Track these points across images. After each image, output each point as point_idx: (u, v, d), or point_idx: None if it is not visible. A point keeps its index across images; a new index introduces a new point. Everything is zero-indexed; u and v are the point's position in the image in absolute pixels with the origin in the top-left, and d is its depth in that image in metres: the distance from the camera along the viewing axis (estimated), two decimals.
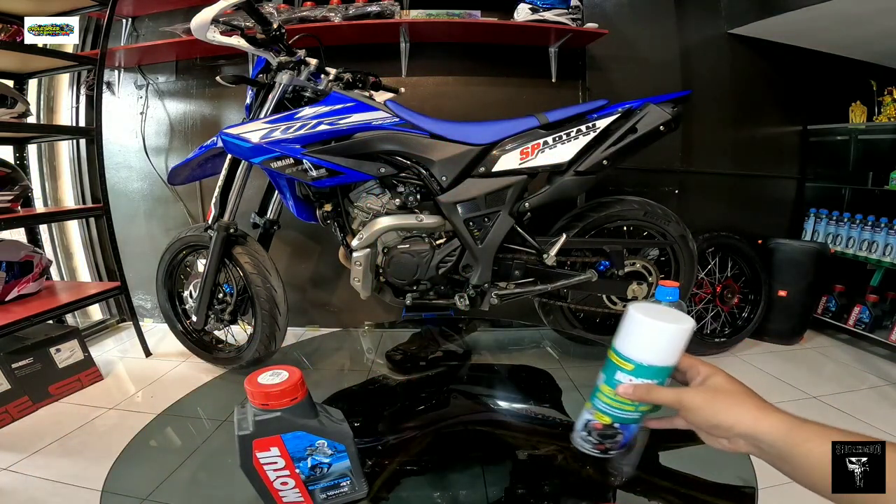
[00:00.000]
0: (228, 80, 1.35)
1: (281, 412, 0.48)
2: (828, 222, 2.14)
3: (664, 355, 0.43)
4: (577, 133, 1.39)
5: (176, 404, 0.85)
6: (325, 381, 0.99)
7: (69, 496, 1.11)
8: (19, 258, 1.67)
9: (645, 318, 0.42)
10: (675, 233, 1.59)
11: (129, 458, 0.69)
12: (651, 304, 0.46)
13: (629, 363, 0.44)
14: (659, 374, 0.43)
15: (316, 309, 2.22)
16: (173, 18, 2.03)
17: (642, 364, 0.43)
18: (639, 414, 0.46)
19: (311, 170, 1.33)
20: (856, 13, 1.69)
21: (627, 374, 0.44)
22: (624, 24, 2.02)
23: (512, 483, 0.58)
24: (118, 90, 2.18)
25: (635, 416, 0.46)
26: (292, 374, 0.49)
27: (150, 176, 2.20)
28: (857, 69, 2.15)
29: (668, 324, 0.42)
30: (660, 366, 0.43)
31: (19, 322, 1.48)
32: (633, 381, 0.44)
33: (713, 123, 2.14)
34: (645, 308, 0.44)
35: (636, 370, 0.43)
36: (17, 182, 1.66)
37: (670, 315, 0.44)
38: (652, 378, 0.43)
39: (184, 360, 1.86)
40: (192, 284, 1.63)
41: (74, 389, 1.64)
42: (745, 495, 0.55)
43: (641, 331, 0.43)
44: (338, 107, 1.36)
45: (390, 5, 1.80)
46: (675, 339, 0.42)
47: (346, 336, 1.53)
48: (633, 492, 0.59)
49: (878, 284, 2.00)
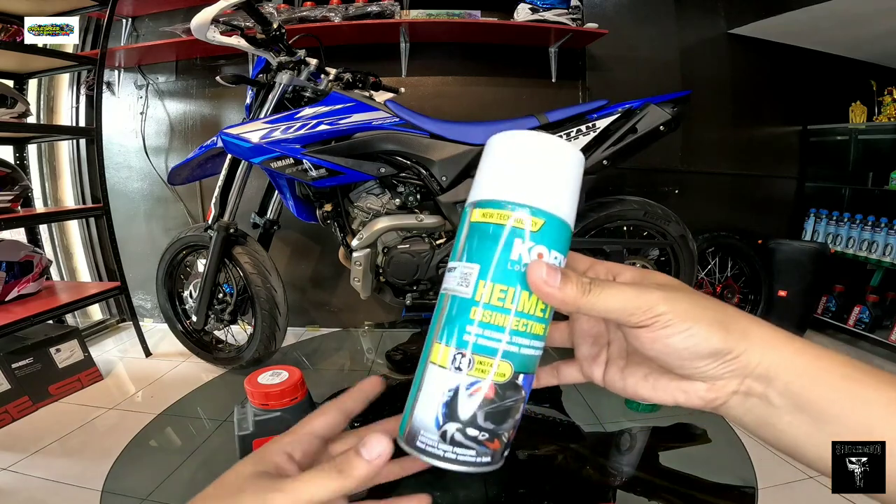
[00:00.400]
0: (228, 80, 1.35)
1: (281, 412, 0.48)
2: (828, 222, 2.14)
3: (572, 205, 0.26)
4: (577, 133, 1.39)
5: (176, 404, 0.85)
6: (325, 381, 0.99)
7: (69, 496, 1.11)
8: (19, 258, 1.67)
9: (539, 134, 0.26)
10: (675, 233, 1.59)
11: (129, 458, 0.69)
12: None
13: (538, 216, 0.24)
14: (562, 241, 0.25)
15: (316, 309, 2.22)
16: (173, 18, 2.03)
17: (557, 218, 0.25)
18: (542, 342, 0.26)
19: (311, 170, 1.33)
20: (856, 13, 1.69)
21: (534, 244, 0.24)
22: (624, 24, 2.02)
23: (512, 483, 0.58)
24: (118, 90, 2.18)
25: (538, 346, 0.26)
26: (292, 374, 0.49)
27: (150, 176, 2.20)
28: (857, 69, 2.15)
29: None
30: (563, 220, 0.25)
31: (19, 322, 1.48)
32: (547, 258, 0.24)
33: (713, 123, 2.14)
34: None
35: (544, 231, 0.24)
36: (17, 182, 1.66)
37: None
38: (556, 248, 0.25)
39: (184, 360, 1.86)
40: (192, 284, 1.63)
41: (74, 389, 1.64)
42: (745, 495, 0.55)
43: (538, 156, 0.25)
44: (338, 107, 1.36)
45: (390, 5, 1.80)
46: (578, 176, 0.26)
47: (346, 336, 1.53)
48: (633, 492, 0.58)
49: (878, 284, 2.00)
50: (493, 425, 0.25)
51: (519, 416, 0.26)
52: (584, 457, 0.54)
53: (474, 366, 0.24)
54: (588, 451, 0.66)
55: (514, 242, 0.24)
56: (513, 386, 0.25)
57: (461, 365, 0.24)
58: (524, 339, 0.24)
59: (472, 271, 0.24)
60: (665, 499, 0.59)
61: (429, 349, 0.26)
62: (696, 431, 0.68)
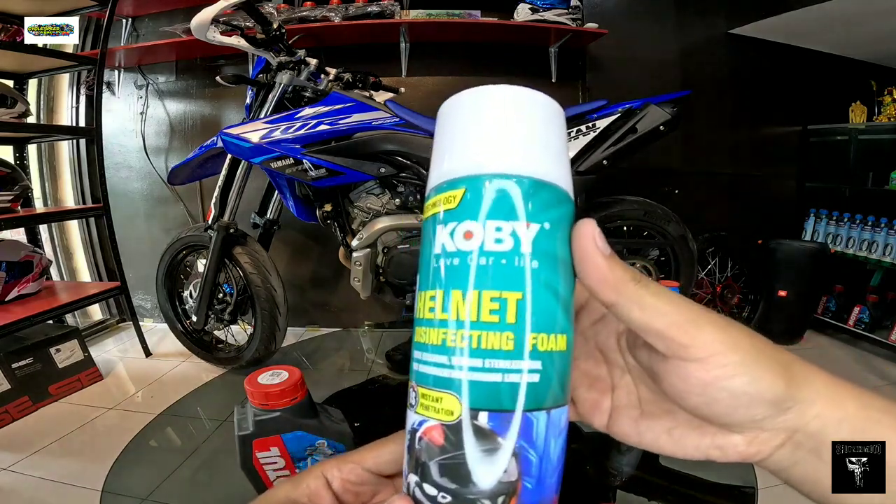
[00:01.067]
0: (228, 80, 1.35)
1: (281, 412, 0.48)
2: (828, 222, 2.13)
3: (511, 147, 0.19)
4: (577, 133, 1.39)
5: (176, 404, 0.85)
6: (325, 381, 0.99)
7: (69, 496, 1.11)
8: (19, 258, 1.67)
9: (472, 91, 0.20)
10: (675, 233, 1.59)
11: (129, 458, 0.69)
12: None
13: (455, 188, 0.18)
14: (507, 202, 0.18)
15: (316, 309, 2.22)
16: (173, 18, 2.03)
17: (481, 177, 0.18)
18: (517, 361, 0.18)
19: (310, 170, 1.33)
20: (856, 13, 1.69)
21: (457, 222, 0.18)
22: (624, 24, 2.02)
23: None
24: (118, 90, 2.18)
25: (509, 368, 0.17)
26: (292, 374, 0.49)
27: (150, 176, 2.20)
28: (857, 69, 2.15)
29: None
30: (499, 173, 0.18)
31: (19, 322, 1.48)
32: (479, 232, 0.18)
33: (713, 123, 2.14)
34: None
35: (467, 202, 0.18)
36: (17, 182, 1.66)
37: None
38: (499, 215, 0.18)
39: (184, 360, 1.86)
40: (192, 284, 1.63)
41: (74, 389, 1.64)
42: (745, 495, 0.55)
43: (464, 115, 0.20)
44: (338, 107, 1.36)
45: (390, 5, 1.80)
46: (529, 117, 0.19)
47: (346, 336, 1.53)
48: (633, 492, 0.58)
49: (878, 284, 2.00)
50: (455, 485, 0.17)
51: (514, 478, 0.17)
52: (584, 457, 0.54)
53: (418, 400, 0.19)
54: (588, 451, 0.66)
55: (436, 231, 0.18)
56: (473, 429, 0.17)
57: (412, 400, 0.19)
58: (473, 359, 0.17)
59: (414, 292, 0.20)
60: (665, 499, 0.59)
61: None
62: None
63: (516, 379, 0.17)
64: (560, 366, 0.18)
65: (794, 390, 0.20)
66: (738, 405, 0.19)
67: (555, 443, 0.18)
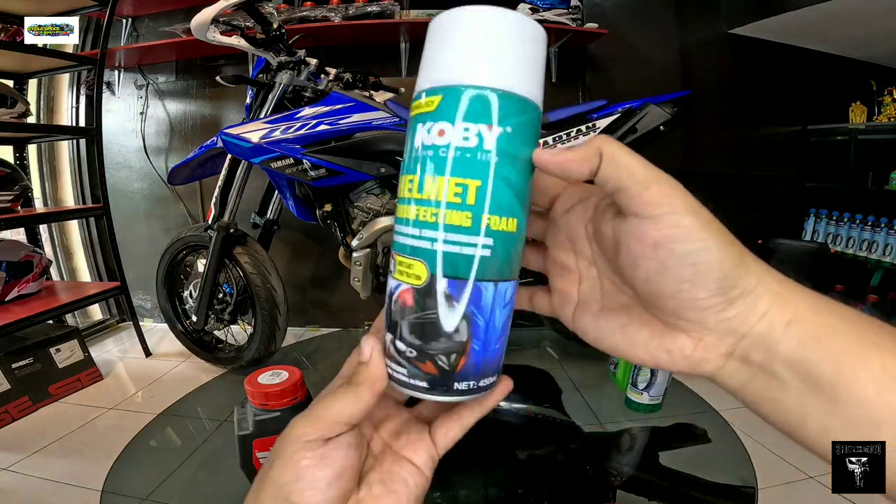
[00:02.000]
0: (228, 80, 1.35)
1: (281, 412, 0.48)
2: (828, 222, 2.14)
3: (479, 61, 0.21)
4: (577, 133, 1.39)
5: (176, 404, 0.85)
6: (325, 381, 0.99)
7: (69, 496, 1.11)
8: (19, 258, 1.67)
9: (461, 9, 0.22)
10: None
11: (129, 458, 0.69)
12: None
13: (433, 94, 0.21)
14: (480, 109, 0.21)
15: (316, 309, 2.22)
16: (173, 18, 2.03)
17: (458, 88, 0.21)
18: (474, 237, 0.21)
19: (310, 170, 1.33)
20: (856, 13, 1.69)
21: (433, 122, 0.21)
22: (624, 24, 2.02)
23: (512, 483, 0.58)
24: (118, 90, 2.18)
25: (469, 242, 0.21)
26: (292, 374, 0.49)
27: (150, 176, 2.20)
28: (857, 69, 2.15)
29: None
30: (470, 84, 0.21)
31: (19, 322, 1.48)
32: (452, 133, 0.21)
33: (713, 123, 2.14)
34: None
35: (443, 107, 0.21)
36: (17, 182, 1.66)
37: None
38: (469, 118, 0.21)
39: (184, 360, 1.86)
40: (192, 284, 1.63)
41: (74, 389, 1.64)
42: (745, 495, 0.55)
43: (446, 29, 0.22)
44: (338, 107, 1.36)
45: (390, 5, 1.80)
46: (501, 35, 0.21)
47: (346, 336, 1.53)
48: (633, 492, 0.58)
49: (878, 284, 2.00)
50: (419, 341, 0.22)
51: (464, 338, 0.21)
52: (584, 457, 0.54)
53: (395, 267, 0.23)
54: (588, 451, 0.66)
55: (416, 128, 0.22)
56: (437, 293, 0.21)
57: (391, 268, 0.23)
58: (438, 232, 0.21)
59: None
60: (665, 499, 0.59)
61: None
62: (696, 431, 0.68)
63: (471, 252, 0.21)
64: (509, 245, 0.22)
65: (743, 273, 0.19)
66: (684, 279, 0.19)
67: (500, 312, 0.22)
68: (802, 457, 1.13)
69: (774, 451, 1.15)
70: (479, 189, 0.21)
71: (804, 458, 1.13)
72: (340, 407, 0.22)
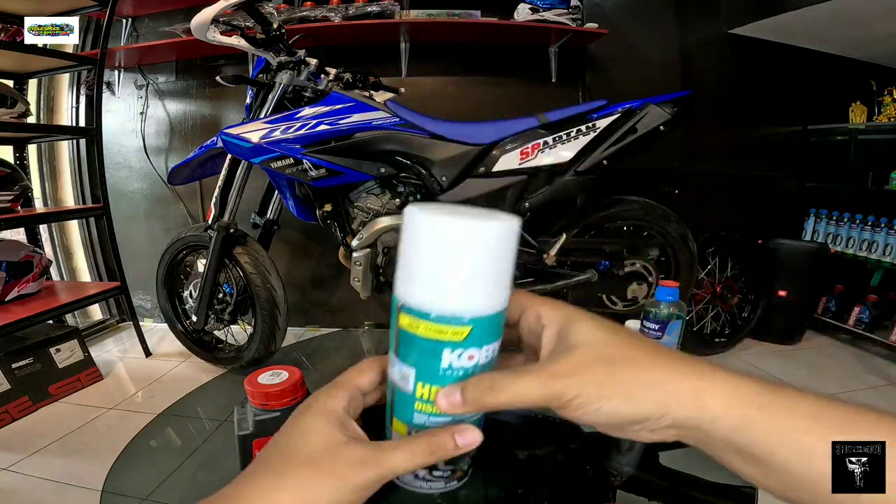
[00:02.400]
0: (228, 80, 1.35)
1: (281, 412, 0.48)
2: (828, 222, 2.13)
3: (497, 291, 0.25)
4: (577, 133, 1.39)
5: (176, 404, 0.85)
6: (325, 381, 0.99)
7: (69, 496, 1.11)
8: (19, 258, 1.67)
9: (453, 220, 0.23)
10: (675, 233, 1.59)
11: (129, 458, 0.69)
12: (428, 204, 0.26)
13: (463, 326, 0.24)
14: (495, 329, 0.26)
15: (316, 309, 2.22)
16: (173, 18, 2.03)
17: (483, 319, 0.25)
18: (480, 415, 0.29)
19: (310, 170, 1.33)
20: (856, 13, 1.69)
21: (463, 350, 0.25)
22: (624, 24, 2.02)
23: (512, 483, 0.58)
24: (118, 90, 2.18)
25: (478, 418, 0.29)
26: (292, 374, 0.49)
27: (150, 176, 2.20)
28: (857, 69, 2.15)
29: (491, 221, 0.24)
30: (492, 313, 0.25)
31: (19, 322, 1.48)
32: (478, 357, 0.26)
33: (713, 123, 2.14)
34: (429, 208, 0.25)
35: (472, 336, 0.25)
36: (17, 182, 1.66)
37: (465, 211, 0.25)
38: (487, 341, 0.26)
39: (184, 360, 1.86)
40: (192, 284, 1.63)
41: (74, 389, 1.64)
42: (745, 495, 0.55)
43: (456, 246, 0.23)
44: (338, 107, 1.36)
45: (390, 5, 1.80)
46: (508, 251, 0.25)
47: (346, 336, 1.53)
48: (633, 492, 0.58)
49: (878, 284, 2.00)
50: (453, 465, 0.30)
51: (473, 451, 0.28)
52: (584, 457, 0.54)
53: None
54: (588, 451, 0.66)
55: (443, 353, 0.25)
56: None
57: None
58: (464, 418, 0.27)
59: (409, 374, 0.27)
60: (665, 499, 0.59)
61: (390, 417, 0.30)
62: None
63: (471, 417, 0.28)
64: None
65: (651, 409, 0.24)
66: (609, 428, 0.26)
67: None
68: None
69: None
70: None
71: None
72: (404, 463, 0.26)
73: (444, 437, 0.26)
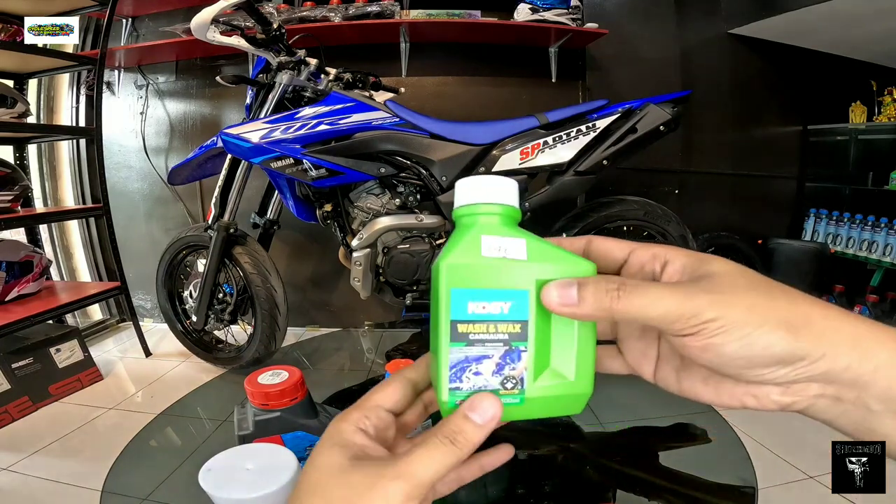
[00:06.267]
0: (228, 80, 1.35)
1: (281, 412, 0.48)
2: (828, 222, 2.14)
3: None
4: (577, 133, 1.39)
5: (176, 404, 0.85)
6: (325, 381, 0.99)
7: (69, 496, 1.11)
8: (19, 258, 1.67)
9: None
10: (675, 233, 1.58)
11: (129, 458, 0.69)
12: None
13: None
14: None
15: (316, 309, 2.22)
16: (173, 18, 2.03)
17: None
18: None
19: (310, 170, 1.33)
20: (856, 13, 1.69)
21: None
22: (624, 24, 2.02)
23: (512, 483, 0.58)
24: (118, 90, 2.18)
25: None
26: (292, 374, 0.49)
27: (150, 176, 2.20)
28: (857, 69, 2.15)
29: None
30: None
31: (19, 322, 1.48)
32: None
33: (713, 123, 2.14)
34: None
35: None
36: (17, 182, 1.66)
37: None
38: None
39: (184, 360, 1.86)
40: (192, 284, 1.63)
41: (74, 389, 1.64)
42: (745, 495, 0.55)
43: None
44: (338, 107, 1.36)
45: (390, 5, 1.80)
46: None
47: (346, 336, 1.53)
48: (633, 492, 0.58)
49: (878, 284, 2.00)
50: None
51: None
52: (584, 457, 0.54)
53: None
54: (588, 451, 0.66)
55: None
56: None
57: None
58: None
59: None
60: (665, 499, 0.59)
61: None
62: (696, 431, 0.68)
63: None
64: None
65: (806, 349, 0.19)
66: (741, 367, 0.20)
67: None
68: (802, 457, 1.13)
69: (774, 451, 1.15)
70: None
71: (804, 459, 1.13)
72: (432, 467, 0.21)
73: (457, 421, 0.22)
